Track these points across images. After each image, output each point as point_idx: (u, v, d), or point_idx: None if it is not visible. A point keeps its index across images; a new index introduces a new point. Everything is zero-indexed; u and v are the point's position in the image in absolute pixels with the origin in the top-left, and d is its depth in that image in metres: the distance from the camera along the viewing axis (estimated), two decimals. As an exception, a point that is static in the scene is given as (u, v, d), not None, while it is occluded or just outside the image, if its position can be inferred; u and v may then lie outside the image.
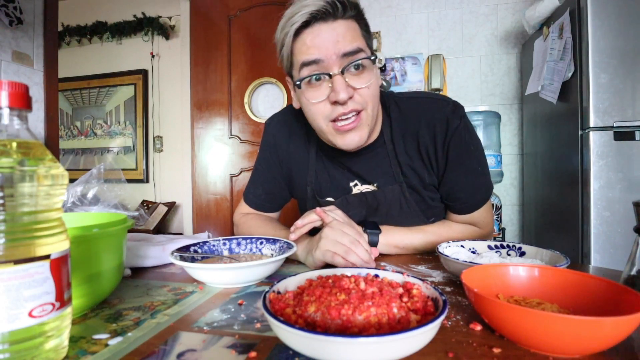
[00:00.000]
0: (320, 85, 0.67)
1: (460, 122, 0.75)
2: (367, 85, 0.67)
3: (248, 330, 0.40)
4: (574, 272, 0.42)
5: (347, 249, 0.60)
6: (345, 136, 0.69)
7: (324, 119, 0.69)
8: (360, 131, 0.70)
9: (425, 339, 0.32)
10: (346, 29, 0.65)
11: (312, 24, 0.64)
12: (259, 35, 2.63)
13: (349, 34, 0.65)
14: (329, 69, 0.65)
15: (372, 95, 0.68)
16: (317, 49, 0.64)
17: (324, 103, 0.67)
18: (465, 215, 0.81)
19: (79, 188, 0.85)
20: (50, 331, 0.31)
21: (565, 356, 0.33)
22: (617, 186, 1.41)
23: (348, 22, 0.65)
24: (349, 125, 0.68)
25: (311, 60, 0.65)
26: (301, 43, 0.66)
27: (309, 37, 0.64)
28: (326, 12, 0.63)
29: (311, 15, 0.63)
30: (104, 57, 3.18)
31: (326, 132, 0.71)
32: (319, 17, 0.63)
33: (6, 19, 1.41)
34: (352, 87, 0.66)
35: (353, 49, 0.64)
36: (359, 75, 0.66)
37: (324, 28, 0.64)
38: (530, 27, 1.89)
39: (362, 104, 0.68)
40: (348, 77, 0.65)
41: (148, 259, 0.68)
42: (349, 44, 0.64)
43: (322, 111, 0.68)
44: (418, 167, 0.79)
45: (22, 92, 0.32)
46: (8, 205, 0.29)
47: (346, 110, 0.66)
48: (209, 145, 2.76)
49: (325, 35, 0.64)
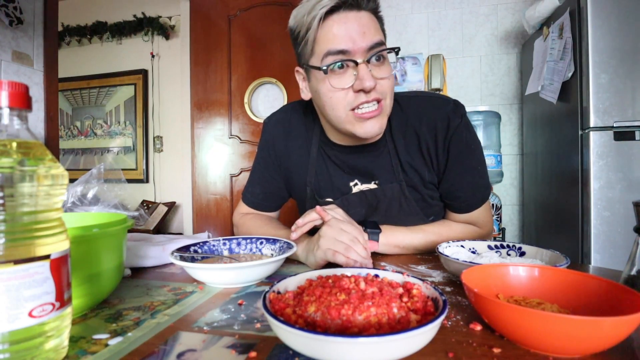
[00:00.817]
0: (344, 73, 0.67)
1: (461, 120, 0.75)
2: (388, 76, 0.68)
3: (248, 330, 0.40)
4: (574, 272, 0.42)
5: (346, 247, 0.61)
6: (365, 124, 0.69)
7: (344, 107, 0.69)
8: (380, 120, 0.70)
9: (425, 339, 0.32)
10: (371, 21, 0.67)
11: (339, 11, 0.65)
12: (259, 35, 2.63)
13: (373, 26, 0.67)
14: (355, 57, 0.66)
15: (390, 86, 0.70)
16: (345, 39, 0.65)
17: (346, 91, 0.68)
18: (464, 215, 0.81)
19: (79, 188, 0.85)
20: (50, 331, 0.31)
21: (565, 356, 0.33)
22: (617, 186, 1.41)
23: (370, 15, 0.67)
24: (372, 112, 0.68)
25: (339, 50, 0.65)
26: (327, 30, 0.66)
27: (336, 24, 0.65)
28: (354, 1, 0.64)
29: (341, 1, 0.64)
30: (104, 57, 3.18)
31: (344, 121, 0.71)
32: (347, 5, 0.65)
33: (6, 19, 1.41)
34: (375, 77, 0.67)
35: (379, 41, 0.67)
36: (380, 67, 0.68)
37: (351, 17, 0.65)
38: (530, 27, 1.89)
39: (383, 94, 0.69)
40: (371, 67, 0.66)
41: (148, 259, 0.68)
42: (374, 36, 0.66)
43: (345, 99, 0.68)
44: (418, 165, 0.79)
45: (22, 92, 0.32)
46: (8, 205, 0.29)
47: (369, 99, 0.67)
48: (209, 145, 2.76)
49: (352, 24, 0.65)
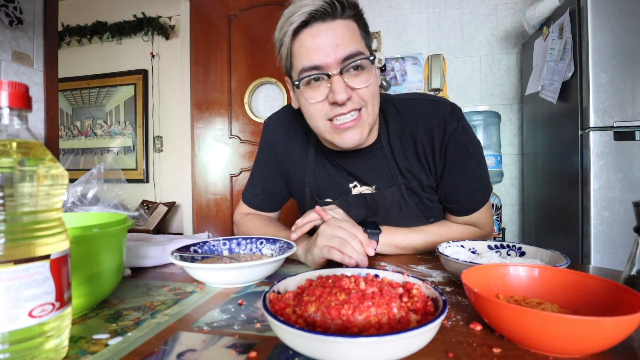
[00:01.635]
0: (319, 85, 0.67)
1: (458, 124, 0.74)
2: (365, 85, 0.67)
3: (248, 330, 0.40)
4: (574, 272, 0.42)
5: (342, 241, 0.60)
6: (344, 134, 0.69)
7: (321, 118, 0.69)
8: (360, 129, 0.69)
9: (425, 339, 0.32)
10: (345, 30, 0.65)
11: (311, 24, 0.64)
12: (259, 35, 2.63)
13: (348, 35, 0.65)
14: (328, 70, 0.65)
15: (371, 94, 0.68)
16: (317, 53, 0.64)
17: (322, 103, 0.68)
18: (464, 217, 0.80)
19: (79, 188, 0.85)
20: (50, 331, 0.31)
21: (565, 356, 0.33)
22: (617, 186, 1.41)
23: (347, 22, 0.65)
24: (348, 123, 0.68)
25: (311, 66, 0.65)
26: (300, 44, 0.66)
27: (308, 38, 0.64)
28: (325, 12, 0.63)
29: (310, 15, 0.63)
30: (104, 57, 3.18)
31: (324, 132, 0.71)
32: (318, 17, 0.63)
33: (6, 19, 1.41)
34: (350, 88, 0.66)
35: (352, 52, 0.64)
36: (357, 76, 0.66)
37: (323, 29, 0.64)
38: (530, 27, 1.89)
39: (361, 104, 0.68)
40: (347, 78, 0.65)
41: (148, 259, 0.68)
42: (348, 46, 0.64)
43: (320, 110, 0.68)
44: (416, 169, 0.78)
45: (22, 92, 0.32)
46: (8, 205, 0.29)
47: (345, 111, 0.67)
48: (209, 145, 2.76)
49: (324, 36, 0.63)
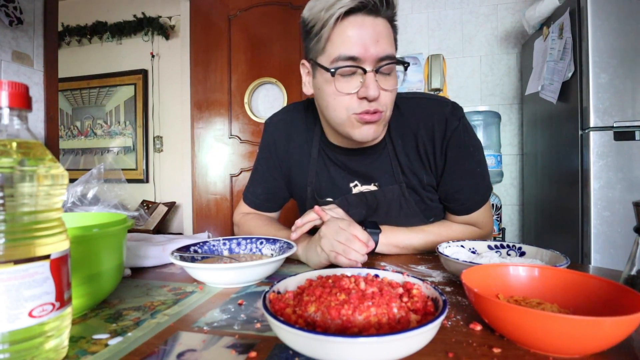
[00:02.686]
0: (351, 78, 0.67)
1: (459, 123, 0.75)
2: (393, 89, 0.68)
3: (248, 330, 0.40)
4: (574, 272, 0.42)
5: (345, 248, 0.61)
6: (363, 128, 0.69)
7: (345, 110, 0.69)
8: (378, 127, 0.71)
9: (425, 339, 0.32)
10: (386, 29, 0.65)
11: (356, 14, 0.64)
12: (259, 35, 2.63)
13: (388, 35, 0.66)
14: (364, 64, 0.65)
15: (392, 99, 0.70)
16: (358, 44, 0.63)
17: (351, 96, 0.67)
18: (464, 216, 0.81)
19: (79, 188, 0.85)
20: (50, 331, 0.31)
21: (565, 356, 0.33)
22: (617, 186, 1.41)
23: (386, 23, 0.66)
24: (372, 117, 0.68)
25: (350, 56, 0.64)
26: (342, 31, 0.64)
27: (351, 27, 0.63)
28: (374, 6, 0.63)
29: (360, 3, 0.62)
30: (104, 57, 3.18)
31: (344, 124, 0.71)
32: (366, 9, 0.63)
33: (6, 19, 1.41)
34: (381, 88, 0.66)
35: (389, 54, 0.66)
36: (387, 78, 0.67)
37: (368, 22, 0.63)
38: (530, 27, 1.89)
39: (384, 106, 0.69)
40: (378, 77, 0.66)
41: (148, 259, 0.68)
42: (388, 47, 0.65)
43: (348, 103, 0.68)
44: (416, 167, 0.79)
45: (22, 92, 0.32)
46: (8, 205, 0.29)
47: (371, 109, 0.67)
48: (209, 145, 2.76)
49: (368, 30, 0.63)
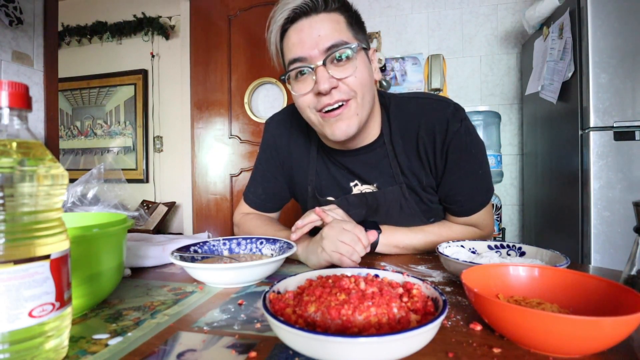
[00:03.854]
0: (305, 78, 0.69)
1: (460, 125, 0.74)
2: (351, 74, 0.67)
3: (248, 330, 0.40)
4: (574, 272, 0.42)
5: (349, 248, 0.61)
6: (333, 126, 0.70)
7: (310, 110, 0.71)
8: (348, 120, 0.69)
9: (425, 339, 0.32)
10: (329, 22, 0.66)
11: (296, 20, 0.66)
12: (259, 35, 2.62)
13: (331, 27, 0.66)
14: (312, 63, 0.66)
15: (360, 83, 0.68)
16: (300, 45, 0.66)
17: (309, 95, 0.69)
18: (464, 218, 0.80)
19: (79, 188, 0.85)
20: (50, 331, 0.31)
21: (565, 356, 0.33)
22: (617, 186, 1.41)
23: (331, 15, 0.67)
24: (336, 111, 0.68)
25: (295, 58, 0.67)
26: (286, 41, 0.69)
27: (293, 33, 0.67)
28: (308, 8, 0.65)
29: (293, 12, 0.65)
30: (104, 57, 3.18)
31: (316, 123, 0.72)
32: (302, 13, 0.65)
33: (6, 19, 1.41)
34: (335, 78, 0.66)
35: (335, 42, 0.65)
36: (342, 66, 0.67)
37: (306, 23, 0.66)
38: (530, 27, 1.89)
39: (349, 93, 0.68)
40: (331, 69, 0.66)
41: (148, 259, 0.67)
42: (331, 37, 0.65)
43: (309, 102, 0.70)
44: (416, 168, 0.78)
45: (22, 92, 0.32)
46: (8, 205, 0.29)
47: (331, 101, 0.67)
48: (209, 145, 2.76)
49: (307, 30, 0.66)
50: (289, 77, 0.70)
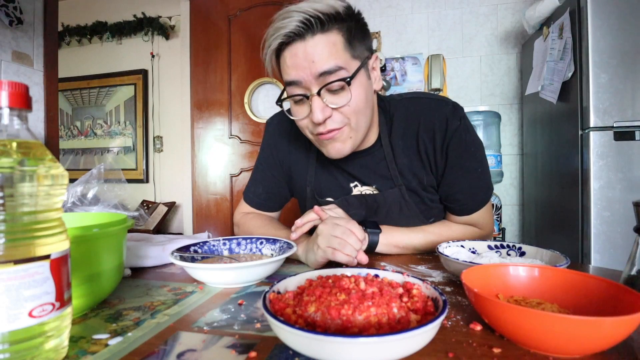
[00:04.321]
0: (302, 103, 0.68)
1: (459, 123, 0.74)
2: (346, 104, 0.65)
3: (248, 330, 0.40)
4: (574, 272, 0.42)
5: (340, 241, 0.61)
6: (329, 146, 0.71)
7: (308, 132, 0.72)
8: (342, 143, 0.70)
9: (425, 339, 0.32)
10: (324, 45, 0.62)
11: (291, 43, 0.64)
12: (259, 35, 2.61)
13: (327, 50, 0.62)
14: (308, 90, 0.65)
15: (353, 111, 0.67)
16: (295, 70, 0.64)
17: (306, 119, 0.69)
18: (464, 217, 0.80)
19: (79, 188, 0.85)
20: (50, 331, 0.31)
21: (565, 356, 0.33)
22: (617, 186, 1.41)
23: (328, 36, 0.63)
24: (329, 134, 0.68)
25: (291, 81, 0.66)
26: (283, 62, 0.67)
27: (288, 56, 0.65)
28: (302, 31, 0.62)
29: (286, 37, 0.63)
30: (104, 57, 3.18)
31: (314, 142, 0.74)
32: (296, 36, 0.62)
33: (6, 19, 1.41)
34: (330, 107, 0.65)
35: (329, 68, 0.63)
36: (337, 94, 0.65)
37: (301, 48, 0.63)
38: (530, 27, 1.89)
39: (343, 121, 0.67)
40: (326, 97, 0.65)
41: (148, 259, 0.67)
42: (325, 63, 0.62)
43: (306, 125, 0.71)
44: (417, 168, 0.79)
45: (22, 92, 0.32)
46: (8, 205, 0.29)
47: (324, 130, 0.67)
48: (209, 145, 2.76)
49: (301, 55, 0.63)
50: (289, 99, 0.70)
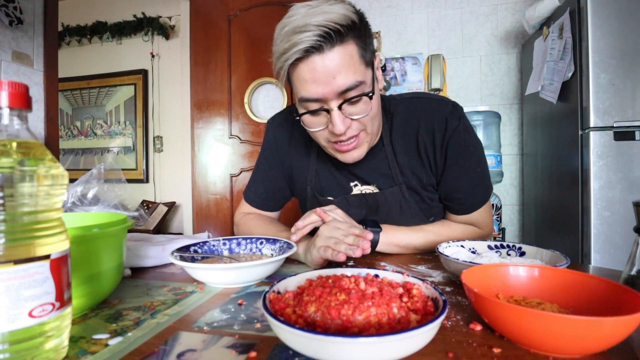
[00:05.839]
0: (319, 115, 0.67)
1: (459, 122, 0.75)
2: (365, 114, 0.66)
3: (248, 330, 0.40)
4: (574, 272, 0.42)
5: (336, 240, 0.62)
6: (344, 155, 0.72)
7: (324, 140, 0.71)
8: (360, 149, 0.71)
9: (425, 339, 0.32)
10: (343, 58, 0.61)
11: (307, 57, 0.61)
12: (259, 35, 2.63)
13: (346, 64, 0.61)
14: (327, 104, 0.64)
15: (370, 118, 0.69)
16: (314, 85, 0.62)
17: (322, 130, 0.69)
18: (464, 216, 0.81)
19: (79, 188, 0.85)
20: (50, 331, 0.31)
21: (565, 356, 0.33)
22: (617, 186, 1.41)
23: (345, 48, 0.61)
24: (349, 146, 0.69)
25: (309, 99, 0.64)
26: (298, 74, 0.63)
27: (305, 71, 0.62)
28: (321, 45, 0.59)
29: (305, 52, 0.60)
30: (104, 57, 3.18)
31: (327, 149, 0.74)
32: (314, 50, 0.60)
33: (6, 19, 1.41)
34: (350, 119, 0.66)
35: (350, 85, 0.62)
36: (357, 106, 0.65)
37: (319, 62, 0.60)
38: (530, 27, 1.89)
39: (359, 129, 0.69)
40: (346, 109, 0.65)
41: (148, 259, 0.68)
42: (346, 78, 0.61)
43: (322, 135, 0.70)
44: (417, 167, 0.79)
45: (22, 92, 0.32)
46: (8, 205, 0.29)
47: (345, 138, 0.68)
48: (209, 145, 2.75)
49: (320, 70, 0.61)
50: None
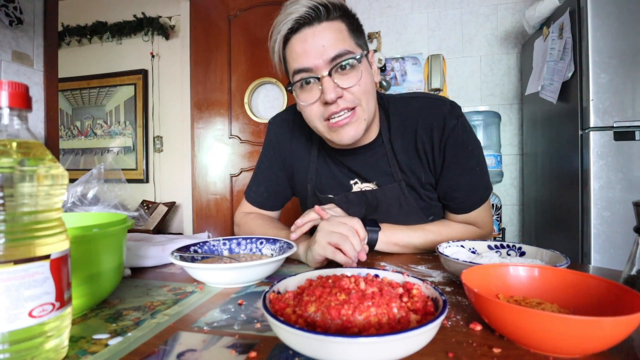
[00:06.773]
0: (311, 88, 0.69)
1: (457, 121, 0.75)
2: (356, 83, 0.68)
3: (248, 330, 0.40)
4: (574, 272, 0.42)
5: (341, 236, 0.61)
6: (340, 132, 0.71)
7: (318, 119, 0.72)
8: (355, 125, 0.71)
9: (425, 339, 0.32)
10: (332, 31, 0.67)
11: (299, 30, 0.67)
12: (259, 35, 2.62)
13: (334, 36, 0.67)
14: (318, 73, 0.67)
15: (363, 91, 0.69)
16: (305, 56, 0.67)
17: (316, 104, 0.70)
18: (463, 215, 0.81)
19: (79, 188, 0.85)
20: (50, 331, 0.31)
21: (565, 356, 0.33)
22: (617, 186, 1.41)
23: (334, 24, 0.67)
24: (343, 120, 0.69)
25: (301, 68, 0.68)
26: (290, 50, 0.69)
27: (297, 43, 0.67)
28: (310, 17, 0.66)
29: (296, 22, 0.66)
30: (104, 57, 3.18)
31: (323, 132, 0.74)
32: (305, 23, 0.66)
33: (6, 19, 1.41)
34: (340, 87, 0.67)
35: (339, 52, 0.66)
36: (347, 75, 0.68)
37: (310, 33, 0.66)
38: (530, 27, 1.89)
39: (354, 101, 0.69)
40: (337, 78, 0.67)
41: (148, 259, 0.68)
42: (335, 47, 0.66)
43: (316, 112, 0.71)
44: (415, 166, 0.79)
45: (22, 92, 0.32)
46: (8, 205, 0.29)
47: (337, 109, 0.68)
48: (209, 145, 2.76)
49: (311, 41, 0.66)
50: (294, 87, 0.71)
